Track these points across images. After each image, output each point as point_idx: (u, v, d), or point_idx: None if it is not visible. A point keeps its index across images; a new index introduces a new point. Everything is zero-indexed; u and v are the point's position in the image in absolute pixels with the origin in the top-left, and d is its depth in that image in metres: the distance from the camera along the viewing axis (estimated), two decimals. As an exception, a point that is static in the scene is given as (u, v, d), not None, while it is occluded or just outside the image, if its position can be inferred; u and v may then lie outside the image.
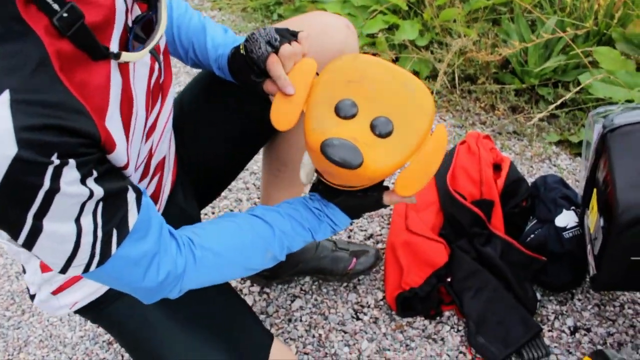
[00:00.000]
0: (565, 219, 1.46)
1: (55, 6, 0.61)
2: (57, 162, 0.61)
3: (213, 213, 1.75)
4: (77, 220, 0.67)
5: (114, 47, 0.72)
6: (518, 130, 2.03)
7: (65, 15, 0.62)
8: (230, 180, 1.31)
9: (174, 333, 0.99)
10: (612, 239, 1.15)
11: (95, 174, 0.67)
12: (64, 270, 0.71)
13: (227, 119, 1.17)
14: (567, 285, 1.47)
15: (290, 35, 0.91)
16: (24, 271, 0.99)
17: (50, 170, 0.61)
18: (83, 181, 0.65)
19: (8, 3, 0.59)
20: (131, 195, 0.74)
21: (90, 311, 1.03)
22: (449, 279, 1.47)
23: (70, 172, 0.63)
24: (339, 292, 1.51)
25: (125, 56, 0.70)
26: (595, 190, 1.29)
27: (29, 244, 0.66)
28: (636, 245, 1.13)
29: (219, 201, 1.79)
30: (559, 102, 1.93)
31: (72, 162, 0.63)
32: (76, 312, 1.03)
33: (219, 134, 1.18)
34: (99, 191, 0.67)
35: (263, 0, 2.95)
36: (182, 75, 2.42)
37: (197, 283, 0.86)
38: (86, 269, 0.72)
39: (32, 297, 1.02)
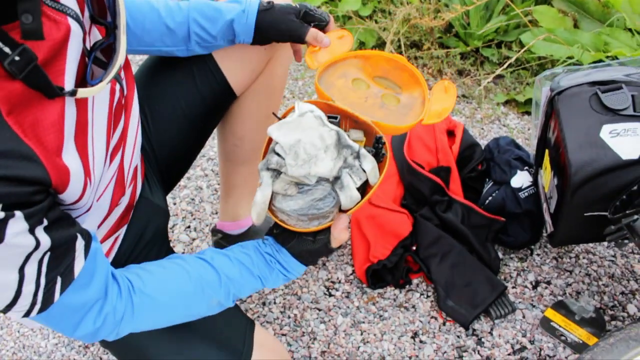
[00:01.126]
0: (520, 179, 1.52)
1: (7, 49, 0.58)
2: (1, 215, 0.58)
3: (174, 204, 1.74)
4: (21, 269, 0.65)
5: (69, 79, 0.68)
6: (467, 93, 2.08)
7: (17, 58, 0.59)
8: (192, 160, 1.29)
9: (158, 332, 1.00)
10: (566, 198, 1.21)
11: (45, 222, 0.64)
12: (4, 312, 0.69)
13: (181, 97, 1.16)
14: (526, 243, 1.53)
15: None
16: None
17: None
18: (32, 231, 0.63)
19: None
20: (80, 243, 0.72)
21: None
22: (414, 248, 1.51)
23: (18, 224, 0.61)
24: (309, 271, 1.53)
25: (82, 92, 0.67)
26: (547, 150, 1.35)
27: None
28: (589, 202, 1.19)
29: (179, 191, 1.78)
30: (505, 65, 1.97)
31: (19, 214, 0.60)
32: None
33: (176, 113, 1.17)
34: (46, 242, 0.65)
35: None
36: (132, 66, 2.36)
37: (134, 328, 0.84)
38: (27, 314, 0.70)
39: None
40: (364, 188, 0.89)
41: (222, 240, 1.47)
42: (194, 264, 0.89)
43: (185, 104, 1.17)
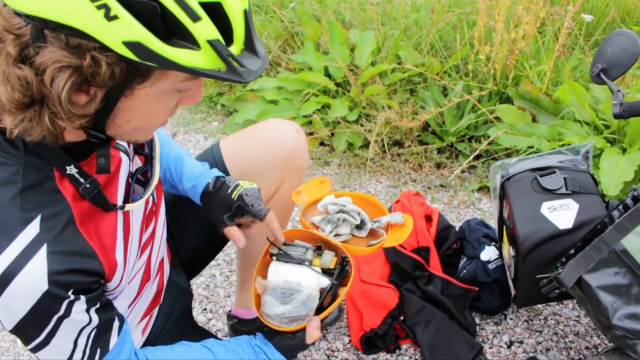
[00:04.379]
0: (488, 253, 1.77)
1: (82, 180, 0.87)
2: (72, 297, 0.83)
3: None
4: (75, 341, 0.88)
5: (120, 196, 0.96)
6: (444, 183, 2.37)
7: (87, 185, 0.87)
8: (211, 258, 1.52)
9: None
10: (519, 264, 1.46)
11: (98, 305, 0.89)
12: None
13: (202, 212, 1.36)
14: (499, 308, 1.76)
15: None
16: None
17: (66, 301, 0.83)
18: (88, 310, 0.87)
19: (50, 179, 0.85)
20: (116, 324, 0.95)
21: None
22: (401, 317, 1.74)
23: (81, 304, 0.85)
24: (312, 343, 1.75)
25: (128, 207, 0.96)
26: (504, 226, 1.61)
27: (34, 351, 0.87)
28: (538, 266, 1.44)
29: (195, 279, 2.02)
30: (472, 156, 2.28)
31: (82, 297, 0.85)
32: None
33: (197, 225, 1.38)
34: (95, 320, 0.89)
35: (206, 93, 3.26)
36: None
37: None
38: None
39: None
40: (333, 295, 1.13)
41: (237, 324, 1.68)
42: (197, 348, 1.11)
43: (206, 219, 1.35)
